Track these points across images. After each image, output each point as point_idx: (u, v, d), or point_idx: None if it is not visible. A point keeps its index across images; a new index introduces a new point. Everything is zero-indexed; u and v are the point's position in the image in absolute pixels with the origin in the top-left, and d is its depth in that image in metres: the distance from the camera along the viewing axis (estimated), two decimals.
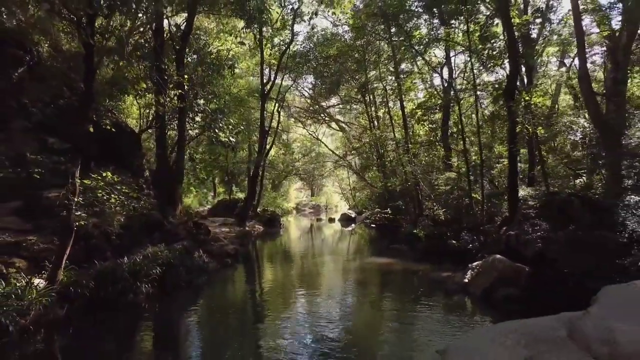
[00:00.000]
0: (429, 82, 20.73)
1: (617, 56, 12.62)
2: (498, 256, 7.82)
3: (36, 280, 6.05)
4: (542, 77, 19.61)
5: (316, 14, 18.34)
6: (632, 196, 7.15)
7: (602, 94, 15.47)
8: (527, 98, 10.95)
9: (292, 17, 18.85)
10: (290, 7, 19.38)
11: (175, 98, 9.34)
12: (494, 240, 9.70)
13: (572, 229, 7.45)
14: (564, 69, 19.17)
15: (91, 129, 6.08)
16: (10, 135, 6.10)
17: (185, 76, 10.61)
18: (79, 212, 6.42)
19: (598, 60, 15.87)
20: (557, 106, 21.89)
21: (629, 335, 1.92)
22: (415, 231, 12.91)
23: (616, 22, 12.36)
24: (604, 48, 14.62)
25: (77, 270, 6.71)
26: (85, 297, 6.41)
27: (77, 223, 6.25)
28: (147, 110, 16.24)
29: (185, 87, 9.67)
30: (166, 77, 9.35)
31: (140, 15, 8.47)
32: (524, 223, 8.27)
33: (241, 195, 25.29)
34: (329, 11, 20.19)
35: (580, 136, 10.00)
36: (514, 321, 2.71)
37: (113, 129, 8.03)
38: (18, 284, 5.83)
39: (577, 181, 10.38)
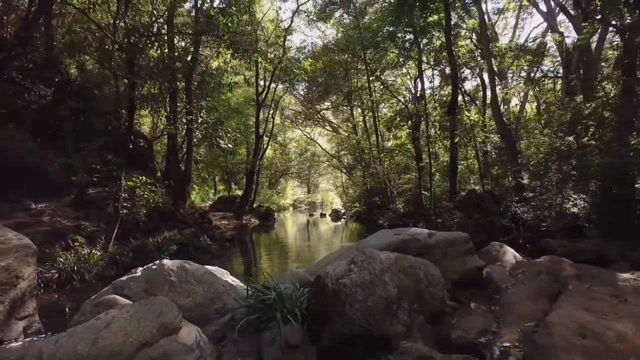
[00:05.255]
0: (401, 95, 23.43)
1: (570, 71, 15.34)
2: None
3: (94, 251, 8.79)
4: (505, 88, 22.33)
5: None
6: (513, 192, 9.88)
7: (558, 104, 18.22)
8: (467, 114, 13.65)
9: (283, 35, 21.62)
10: (282, 24, 22.29)
11: (185, 121, 12.04)
12: (433, 228, 12.47)
13: (478, 217, 10.18)
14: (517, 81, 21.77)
15: (131, 146, 8.78)
16: (84, 155, 8.89)
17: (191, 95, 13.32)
18: (125, 204, 9.17)
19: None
20: (524, 112, 24.66)
21: (366, 242, 4.66)
22: (380, 222, 15.68)
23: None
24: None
25: (119, 245, 9.47)
26: (126, 263, 9.15)
27: (121, 212, 8.99)
28: (158, 118, 18.97)
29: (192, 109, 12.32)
30: (178, 105, 12.04)
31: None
32: (447, 213, 11.01)
33: (239, 193, 27.69)
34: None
35: (492, 147, 12.73)
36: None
37: (145, 145, 10.77)
38: (83, 253, 8.58)
39: (505, 181, 13.11)
